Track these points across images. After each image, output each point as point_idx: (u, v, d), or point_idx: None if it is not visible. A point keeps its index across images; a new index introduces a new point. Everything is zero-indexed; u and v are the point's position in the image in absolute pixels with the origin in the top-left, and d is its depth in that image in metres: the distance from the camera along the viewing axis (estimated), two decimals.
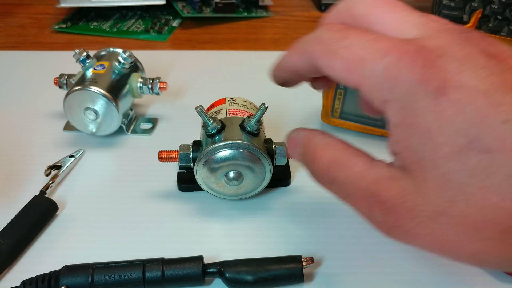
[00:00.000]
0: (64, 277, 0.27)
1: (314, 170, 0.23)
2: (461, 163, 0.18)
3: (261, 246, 0.32)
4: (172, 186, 0.36)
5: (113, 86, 0.39)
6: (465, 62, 0.19)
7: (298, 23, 0.67)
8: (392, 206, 0.20)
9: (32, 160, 0.38)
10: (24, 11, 0.68)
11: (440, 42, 0.20)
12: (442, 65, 0.19)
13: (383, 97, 0.20)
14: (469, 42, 0.20)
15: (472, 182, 0.18)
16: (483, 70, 0.18)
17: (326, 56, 0.22)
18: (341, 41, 0.22)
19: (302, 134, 0.25)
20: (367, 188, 0.21)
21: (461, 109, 0.18)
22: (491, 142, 0.17)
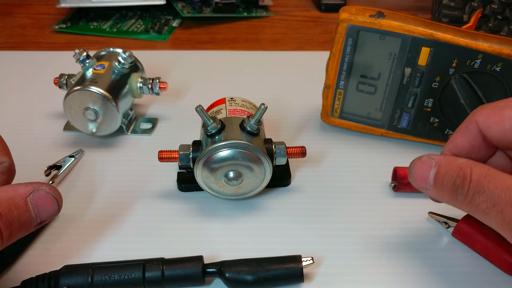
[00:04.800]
0: (64, 277, 0.27)
1: (463, 184, 0.24)
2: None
3: (261, 246, 0.32)
4: (172, 186, 0.36)
5: (113, 86, 0.39)
6: None
7: (298, 23, 0.67)
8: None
9: (32, 160, 0.38)
10: (24, 11, 0.68)
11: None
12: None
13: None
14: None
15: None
16: None
17: (493, 114, 0.25)
18: (510, 99, 0.25)
19: (438, 157, 0.26)
20: None
21: None
22: None
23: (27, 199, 0.22)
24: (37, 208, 0.23)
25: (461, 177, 0.24)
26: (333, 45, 0.38)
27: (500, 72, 0.35)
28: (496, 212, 0.23)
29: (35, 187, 0.23)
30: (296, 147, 0.35)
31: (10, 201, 0.22)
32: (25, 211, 0.22)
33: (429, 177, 0.26)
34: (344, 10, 0.37)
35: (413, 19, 0.36)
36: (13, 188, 0.22)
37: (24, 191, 0.23)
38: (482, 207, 0.24)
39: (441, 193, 0.26)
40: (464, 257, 0.31)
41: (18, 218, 0.22)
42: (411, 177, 0.27)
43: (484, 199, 0.23)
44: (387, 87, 0.39)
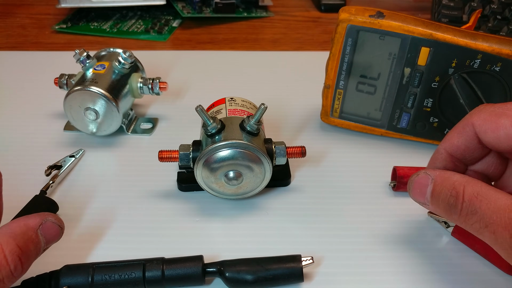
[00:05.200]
0: (64, 277, 0.27)
1: (456, 203, 0.25)
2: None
3: (261, 246, 0.32)
4: (172, 186, 0.36)
5: (113, 86, 0.39)
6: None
7: (297, 23, 0.67)
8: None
9: (33, 160, 0.39)
10: (25, 12, 0.68)
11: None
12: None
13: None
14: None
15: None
16: None
17: (490, 120, 0.26)
18: (508, 105, 0.25)
19: (434, 173, 0.26)
20: None
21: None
22: None
23: (37, 232, 0.25)
24: (45, 238, 0.26)
25: (454, 196, 0.25)
26: (332, 45, 0.38)
27: (499, 72, 0.35)
28: (489, 233, 0.23)
29: (43, 219, 0.26)
30: (296, 147, 0.35)
31: (25, 236, 0.24)
32: (37, 243, 0.25)
33: (426, 193, 0.26)
34: (343, 10, 0.37)
35: (412, 19, 0.36)
36: (25, 222, 0.25)
37: (34, 224, 0.25)
38: (476, 227, 0.24)
39: (438, 209, 0.26)
40: (464, 257, 0.31)
41: (33, 250, 0.25)
42: (410, 193, 0.28)
43: (476, 220, 0.24)
44: (387, 87, 0.39)
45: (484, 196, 0.24)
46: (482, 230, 0.24)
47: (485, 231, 0.24)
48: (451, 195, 0.25)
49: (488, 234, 0.23)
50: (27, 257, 0.24)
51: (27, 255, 0.24)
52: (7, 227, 0.25)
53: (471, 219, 0.24)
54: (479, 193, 0.24)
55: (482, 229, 0.24)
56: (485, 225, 0.24)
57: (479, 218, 0.24)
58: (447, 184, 0.26)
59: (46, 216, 0.26)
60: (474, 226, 0.24)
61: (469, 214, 0.24)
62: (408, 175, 0.35)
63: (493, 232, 0.23)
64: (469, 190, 0.25)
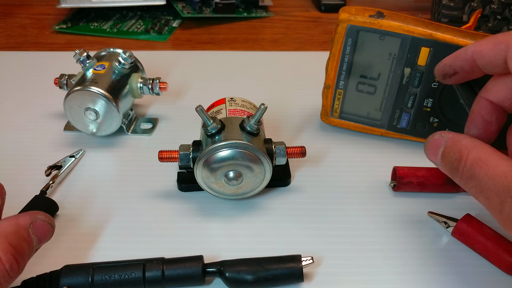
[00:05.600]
0: (64, 277, 0.27)
1: (458, 167, 0.26)
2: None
3: (261, 246, 0.32)
4: (172, 186, 0.36)
5: (113, 86, 0.39)
6: None
7: (297, 23, 0.67)
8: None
9: (33, 160, 0.39)
10: (25, 12, 0.68)
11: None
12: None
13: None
14: None
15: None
16: None
17: None
18: None
19: (448, 135, 0.28)
20: (506, 185, 0.23)
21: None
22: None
23: (28, 230, 0.25)
24: (37, 236, 0.25)
25: (458, 160, 0.26)
26: (332, 45, 0.38)
27: None
28: (483, 198, 0.24)
29: (33, 218, 0.25)
30: (296, 147, 0.35)
31: (17, 235, 0.24)
32: (29, 242, 0.25)
33: (438, 154, 0.28)
34: (343, 10, 0.37)
35: (412, 19, 0.36)
36: (15, 220, 0.25)
37: (25, 222, 0.25)
38: (473, 191, 0.25)
39: (445, 170, 0.27)
40: (464, 257, 0.31)
41: (26, 249, 0.25)
42: (426, 152, 0.29)
43: (474, 185, 0.25)
44: (387, 87, 0.39)
45: (485, 162, 0.25)
46: (478, 194, 0.25)
47: (480, 196, 0.25)
48: (455, 158, 0.26)
49: (483, 199, 0.25)
50: (21, 255, 0.24)
51: (21, 253, 0.24)
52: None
53: (469, 183, 0.25)
54: (481, 158, 0.25)
55: (478, 194, 0.25)
56: (481, 190, 0.25)
57: (476, 183, 0.25)
58: (455, 147, 0.27)
59: (36, 215, 0.26)
60: (471, 190, 0.25)
61: (468, 178, 0.25)
62: (408, 175, 0.35)
63: (487, 197, 0.24)
64: (472, 155, 0.25)
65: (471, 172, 0.25)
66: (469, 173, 0.25)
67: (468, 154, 0.26)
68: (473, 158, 0.25)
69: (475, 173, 0.25)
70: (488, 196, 0.24)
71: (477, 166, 0.25)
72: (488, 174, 0.24)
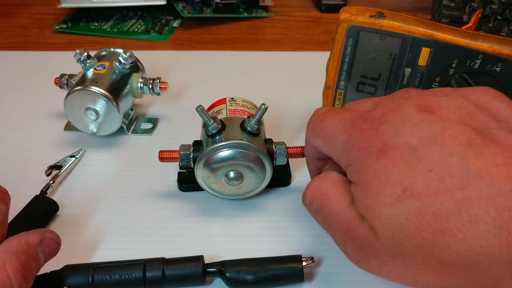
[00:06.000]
0: (64, 277, 0.27)
1: (304, 196, 0.28)
2: (399, 209, 0.22)
3: (261, 246, 0.32)
4: (172, 186, 0.36)
5: (113, 86, 0.39)
6: (400, 123, 0.23)
7: (298, 23, 0.67)
8: (361, 245, 0.24)
9: (33, 160, 0.39)
10: (25, 12, 0.68)
11: (384, 110, 0.25)
12: (383, 131, 0.23)
13: (345, 163, 0.25)
14: (406, 102, 0.24)
15: (409, 224, 0.21)
16: (415, 128, 0.23)
17: (312, 137, 0.29)
18: (322, 122, 0.28)
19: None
20: (345, 224, 0.24)
21: (396, 165, 0.22)
22: (419, 188, 0.21)
23: (37, 249, 0.25)
24: (44, 254, 0.26)
25: (306, 190, 0.28)
26: (333, 45, 0.38)
27: (500, 73, 0.35)
28: (331, 234, 0.27)
29: (42, 236, 0.26)
30: (296, 147, 0.35)
31: (27, 254, 0.25)
32: (38, 260, 0.25)
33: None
34: (344, 10, 0.37)
35: (413, 20, 0.36)
36: (25, 239, 0.25)
37: (34, 241, 0.25)
38: (322, 225, 0.28)
39: None
40: None
41: (34, 267, 0.25)
42: None
43: (321, 219, 0.27)
44: (387, 87, 0.39)
45: (330, 195, 0.26)
46: (327, 231, 0.27)
47: (328, 232, 0.27)
48: (308, 186, 0.28)
49: (331, 235, 0.26)
50: (29, 275, 0.24)
51: (29, 273, 0.24)
52: (9, 245, 0.24)
53: (317, 218, 0.27)
54: (327, 192, 0.26)
55: (327, 230, 0.27)
56: (327, 226, 0.26)
57: (322, 218, 0.27)
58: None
59: (44, 233, 0.26)
60: (321, 226, 0.27)
61: (315, 211, 0.27)
62: None
63: (333, 234, 0.26)
64: (321, 186, 0.27)
65: (319, 205, 0.26)
66: (316, 206, 0.27)
67: (317, 184, 0.27)
68: (322, 189, 0.26)
69: (322, 206, 0.26)
70: (334, 234, 0.26)
71: (323, 199, 0.26)
72: (332, 210, 0.25)
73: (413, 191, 0.21)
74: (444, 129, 0.22)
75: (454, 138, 0.22)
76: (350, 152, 0.25)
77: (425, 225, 0.21)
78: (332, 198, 0.26)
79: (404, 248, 0.22)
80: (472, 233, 0.20)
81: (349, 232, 0.24)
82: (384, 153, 0.23)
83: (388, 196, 0.22)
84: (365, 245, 0.23)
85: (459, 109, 0.23)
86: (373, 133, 0.24)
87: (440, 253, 0.21)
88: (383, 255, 0.23)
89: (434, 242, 0.21)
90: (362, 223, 0.23)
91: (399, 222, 0.22)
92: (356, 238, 0.24)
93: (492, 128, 0.22)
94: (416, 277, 0.23)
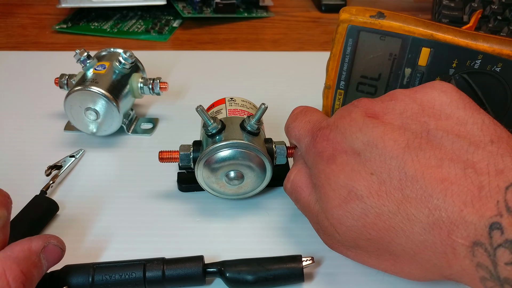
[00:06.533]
0: (64, 277, 0.27)
1: (285, 186, 0.31)
2: (346, 210, 0.24)
3: (261, 246, 0.32)
4: (172, 186, 0.36)
5: (113, 86, 0.39)
6: (347, 129, 0.26)
7: (298, 23, 0.67)
8: (329, 235, 0.27)
9: (33, 160, 0.39)
10: (25, 12, 0.68)
11: (334, 119, 0.27)
12: (333, 138, 0.26)
13: (308, 165, 0.29)
14: (355, 109, 0.26)
15: (357, 223, 0.24)
16: (359, 133, 0.25)
17: (287, 134, 0.32)
18: (292, 123, 0.31)
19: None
20: (314, 215, 0.28)
21: (343, 169, 0.25)
22: (363, 191, 0.24)
23: (40, 256, 0.25)
24: (47, 261, 0.25)
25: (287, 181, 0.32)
26: (333, 45, 0.38)
27: (500, 73, 0.35)
28: (309, 221, 0.30)
29: (45, 242, 0.25)
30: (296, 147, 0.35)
31: (29, 261, 0.24)
32: (40, 267, 0.25)
33: None
34: (344, 10, 0.37)
35: (413, 20, 0.36)
36: (28, 245, 0.24)
37: (37, 247, 0.25)
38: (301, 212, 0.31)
39: None
40: None
41: (36, 275, 0.24)
42: None
43: (299, 207, 0.31)
44: (387, 87, 0.39)
45: (303, 188, 0.29)
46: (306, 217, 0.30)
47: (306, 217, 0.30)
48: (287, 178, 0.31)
49: None
50: (30, 283, 0.24)
51: (30, 281, 0.24)
52: (10, 251, 0.24)
53: (297, 205, 0.30)
54: (301, 185, 0.29)
55: (305, 216, 0.30)
56: (304, 214, 0.30)
57: (300, 207, 0.30)
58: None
59: (48, 239, 0.25)
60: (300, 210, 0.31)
61: (294, 200, 0.30)
62: None
63: (310, 221, 0.29)
64: (297, 179, 0.30)
65: (295, 196, 0.30)
66: (294, 196, 0.30)
67: (294, 177, 0.30)
68: (297, 182, 0.29)
69: (297, 198, 0.29)
70: (310, 221, 0.29)
71: (298, 192, 0.29)
72: (305, 202, 0.29)
73: (357, 193, 0.24)
74: (385, 133, 0.24)
75: (393, 142, 0.24)
76: (309, 156, 0.28)
77: (370, 224, 0.24)
78: (305, 191, 0.28)
79: (358, 243, 0.25)
80: (411, 229, 0.23)
81: (319, 223, 0.27)
82: (333, 158, 0.25)
83: (336, 199, 0.25)
84: (331, 235, 0.26)
85: (402, 113, 0.25)
86: (325, 139, 0.26)
87: (388, 246, 0.24)
88: (345, 245, 0.26)
89: (380, 238, 0.24)
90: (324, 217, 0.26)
91: (348, 222, 0.24)
92: (324, 229, 0.27)
93: (430, 129, 0.24)
94: (376, 263, 0.26)
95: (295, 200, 0.30)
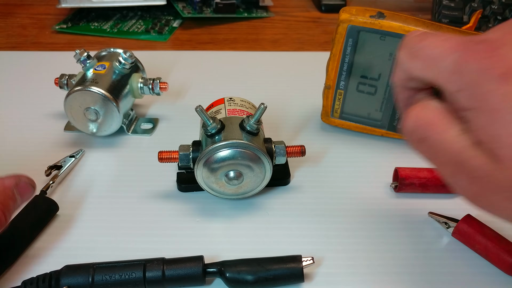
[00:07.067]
0: (64, 277, 0.27)
1: (405, 125, 0.24)
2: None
3: (261, 246, 0.32)
4: (172, 187, 0.36)
5: (113, 86, 0.39)
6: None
7: (298, 23, 0.67)
8: (479, 177, 0.21)
9: (33, 160, 0.39)
10: (25, 12, 0.68)
11: (500, 34, 0.22)
12: (503, 54, 0.21)
13: (455, 88, 0.22)
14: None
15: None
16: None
17: (409, 59, 0.25)
18: (421, 42, 0.24)
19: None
20: (456, 154, 0.22)
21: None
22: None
23: (13, 190, 0.29)
24: (20, 195, 0.30)
25: (405, 119, 0.24)
26: (333, 45, 0.38)
27: None
28: (437, 166, 0.23)
29: (17, 180, 0.30)
30: (295, 146, 0.35)
31: (4, 194, 0.29)
32: (14, 200, 0.29)
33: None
34: (344, 10, 0.37)
35: (413, 20, 0.36)
36: (1, 182, 0.29)
37: (9, 184, 0.29)
38: (426, 156, 0.24)
39: None
40: (464, 257, 0.31)
41: (11, 206, 0.29)
42: None
43: (425, 149, 0.24)
44: (387, 87, 0.39)
45: (435, 124, 0.23)
46: (432, 162, 0.24)
47: (434, 164, 0.24)
48: (405, 116, 0.25)
49: (436, 168, 0.24)
50: (8, 210, 0.28)
51: (8, 209, 0.28)
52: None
53: (420, 148, 0.24)
54: (431, 121, 0.23)
55: (431, 161, 0.24)
56: (433, 156, 0.23)
57: (427, 148, 0.23)
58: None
59: (19, 177, 0.30)
60: (425, 156, 0.24)
61: (416, 141, 0.24)
62: (410, 176, 0.35)
63: (440, 166, 0.23)
64: (422, 115, 0.24)
65: (421, 135, 0.23)
66: (418, 135, 0.23)
67: (418, 113, 0.24)
68: (424, 118, 0.23)
69: (425, 136, 0.23)
70: (441, 165, 0.23)
71: (427, 128, 0.23)
72: (439, 139, 0.22)
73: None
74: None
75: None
76: (463, 75, 0.22)
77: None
78: (439, 126, 0.23)
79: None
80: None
81: (462, 163, 0.21)
82: (508, 77, 0.20)
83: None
84: (484, 177, 0.21)
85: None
86: (490, 55, 0.21)
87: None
88: (507, 190, 0.20)
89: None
90: (480, 153, 0.21)
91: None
92: (472, 169, 0.21)
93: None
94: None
95: (420, 140, 0.24)
